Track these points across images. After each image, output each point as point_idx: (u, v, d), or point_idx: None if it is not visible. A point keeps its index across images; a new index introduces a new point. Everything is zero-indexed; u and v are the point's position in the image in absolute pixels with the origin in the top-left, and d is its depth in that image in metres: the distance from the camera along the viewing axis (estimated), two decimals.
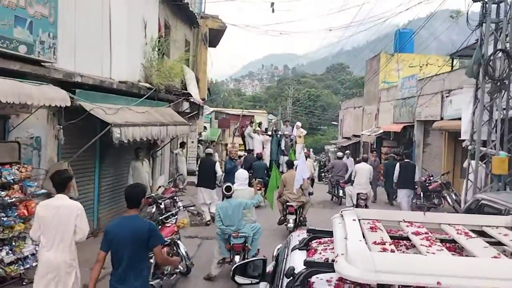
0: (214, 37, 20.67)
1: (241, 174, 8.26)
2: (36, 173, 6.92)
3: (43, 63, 6.51)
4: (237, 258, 6.97)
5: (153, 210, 8.79)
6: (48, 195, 7.22)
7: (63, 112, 7.20)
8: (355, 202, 12.27)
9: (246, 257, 7.03)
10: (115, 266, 4.19)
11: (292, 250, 3.36)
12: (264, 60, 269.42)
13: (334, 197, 15.48)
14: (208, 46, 23.68)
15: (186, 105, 14.75)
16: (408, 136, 20.75)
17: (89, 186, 8.58)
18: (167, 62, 11.36)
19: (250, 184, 10.07)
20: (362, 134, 25.63)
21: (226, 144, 43.61)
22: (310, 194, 13.08)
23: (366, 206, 11.82)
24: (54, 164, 7.34)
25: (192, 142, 18.79)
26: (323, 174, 27.36)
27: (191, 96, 12.25)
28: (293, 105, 78.07)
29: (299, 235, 3.81)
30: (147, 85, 10.17)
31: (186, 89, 15.69)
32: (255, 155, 15.59)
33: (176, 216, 7.78)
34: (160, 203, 8.60)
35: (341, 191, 14.78)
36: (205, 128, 33.61)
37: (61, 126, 7.25)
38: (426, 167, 18.63)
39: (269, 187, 11.25)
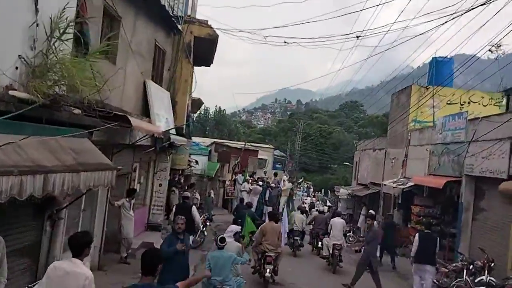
0: (206, 51, 16.21)
1: (232, 228, 9.00)
2: None
3: None
4: None
5: None
6: None
7: None
8: (331, 252, 13.12)
9: None
10: None
11: None
12: (278, 94, 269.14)
13: (314, 249, 15.81)
14: (200, 65, 19.31)
15: (140, 134, 10.03)
16: (450, 193, 15.75)
17: None
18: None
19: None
20: (384, 185, 20.57)
21: (224, 181, 38.65)
22: (301, 246, 15.25)
23: (340, 256, 13.05)
24: None
25: (160, 185, 13.98)
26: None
27: (129, 119, 7.47)
28: (303, 141, 73.41)
29: None
30: (23, 95, 5.46)
31: (147, 111, 11.18)
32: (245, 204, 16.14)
33: None
34: None
35: (320, 243, 14.91)
36: (196, 162, 28.91)
37: None
38: (476, 241, 13.53)
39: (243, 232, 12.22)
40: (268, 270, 9.96)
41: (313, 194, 67.05)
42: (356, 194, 26.46)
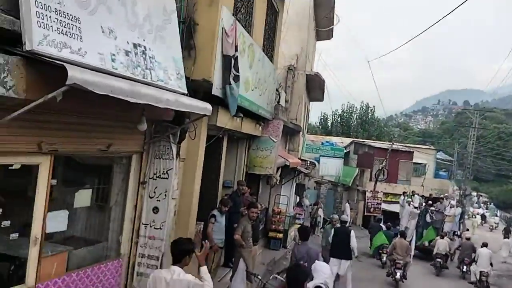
0: None
1: (323, 267, 6.59)
2: None
3: None
4: None
5: None
6: None
7: None
8: (478, 278, 14.11)
9: None
10: None
11: None
12: (441, 96, 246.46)
13: (462, 272, 16.13)
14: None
15: None
16: None
17: None
18: None
19: None
20: None
21: (365, 192, 29.30)
22: (444, 268, 16.26)
23: (487, 282, 14.06)
24: None
25: (156, 209, 6.26)
26: None
27: None
28: (476, 143, 59.16)
29: None
30: None
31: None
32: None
33: None
34: None
35: (466, 268, 15.75)
36: (314, 164, 20.71)
37: None
38: None
39: (373, 241, 16.59)
40: (398, 273, 12.65)
41: (485, 206, 61.73)
42: None
